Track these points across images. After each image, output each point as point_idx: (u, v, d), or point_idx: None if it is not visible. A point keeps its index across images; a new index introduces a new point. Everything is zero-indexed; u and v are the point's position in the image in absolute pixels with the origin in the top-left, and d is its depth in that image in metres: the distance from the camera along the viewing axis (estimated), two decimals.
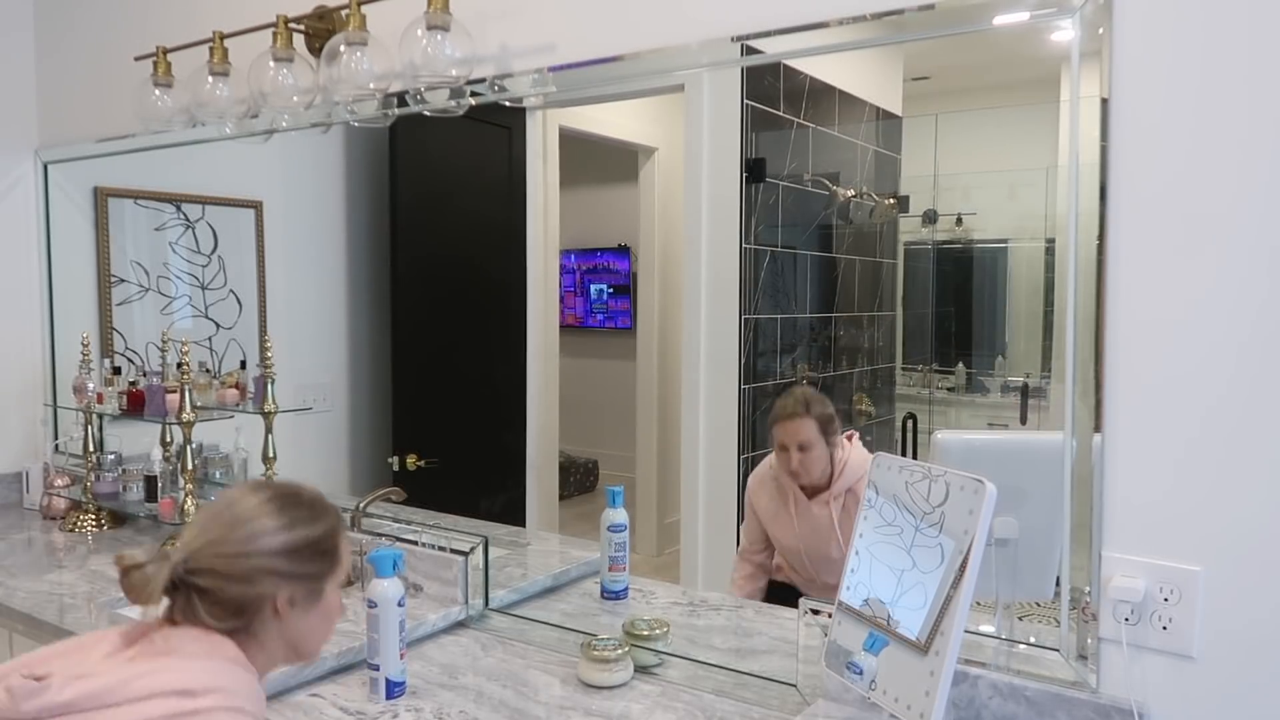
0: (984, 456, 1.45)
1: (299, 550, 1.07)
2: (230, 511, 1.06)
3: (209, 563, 1.03)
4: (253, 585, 1.04)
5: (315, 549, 1.08)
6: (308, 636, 1.11)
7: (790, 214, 1.62)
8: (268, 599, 1.05)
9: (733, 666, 1.58)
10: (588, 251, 1.94)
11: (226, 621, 1.04)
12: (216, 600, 1.03)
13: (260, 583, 1.04)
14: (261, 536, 1.05)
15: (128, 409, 2.48)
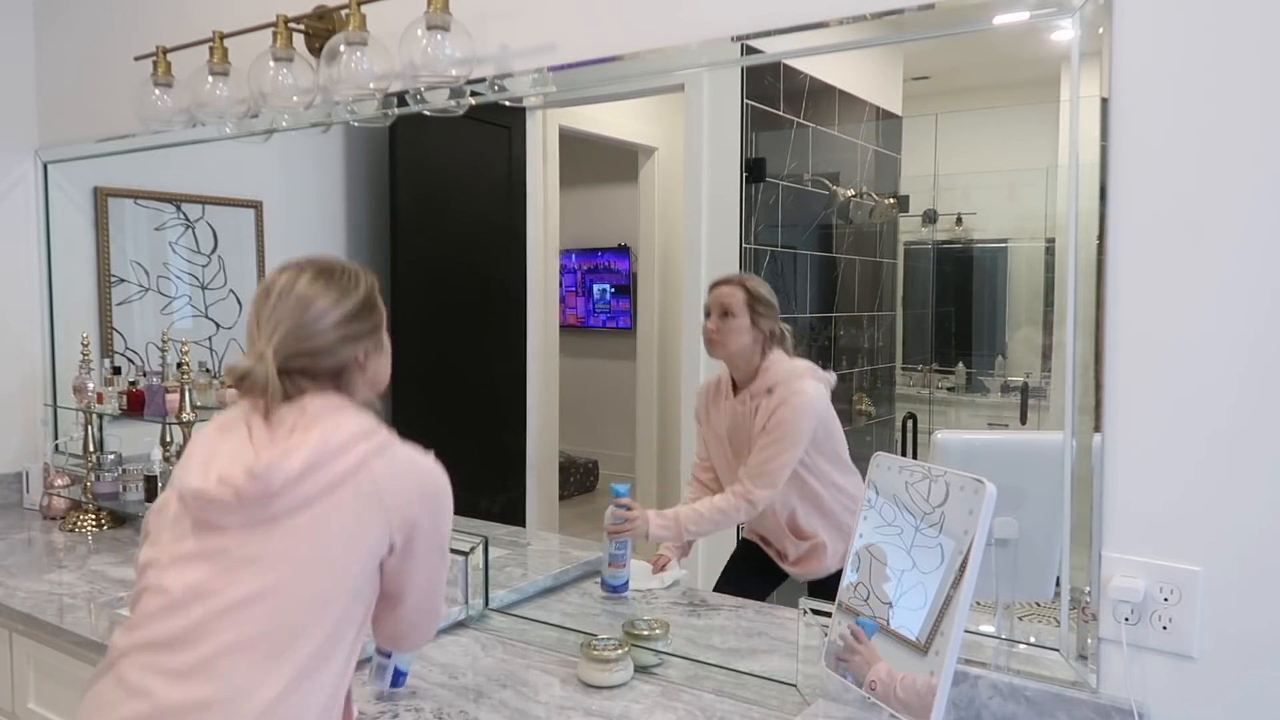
0: (984, 456, 1.45)
1: (359, 313, 1.25)
2: (291, 301, 1.21)
3: (294, 348, 1.20)
4: (337, 354, 1.23)
5: (368, 305, 1.26)
6: (381, 376, 1.31)
7: (790, 214, 1.61)
8: (351, 359, 1.24)
9: (733, 666, 1.58)
10: (588, 251, 1.94)
11: (326, 383, 1.23)
12: (315, 375, 1.22)
13: (342, 350, 1.23)
14: (328, 314, 1.22)
15: (128, 409, 2.48)
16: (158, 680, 1.10)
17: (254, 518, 1.13)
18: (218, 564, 1.14)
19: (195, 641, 1.11)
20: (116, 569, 2.18)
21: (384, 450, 1.19)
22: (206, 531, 1.15)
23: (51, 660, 1.87)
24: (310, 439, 1.15)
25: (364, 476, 1.17)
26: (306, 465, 1.13)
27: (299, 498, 1.14)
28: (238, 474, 1.13)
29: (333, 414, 1.19)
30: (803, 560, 1.70)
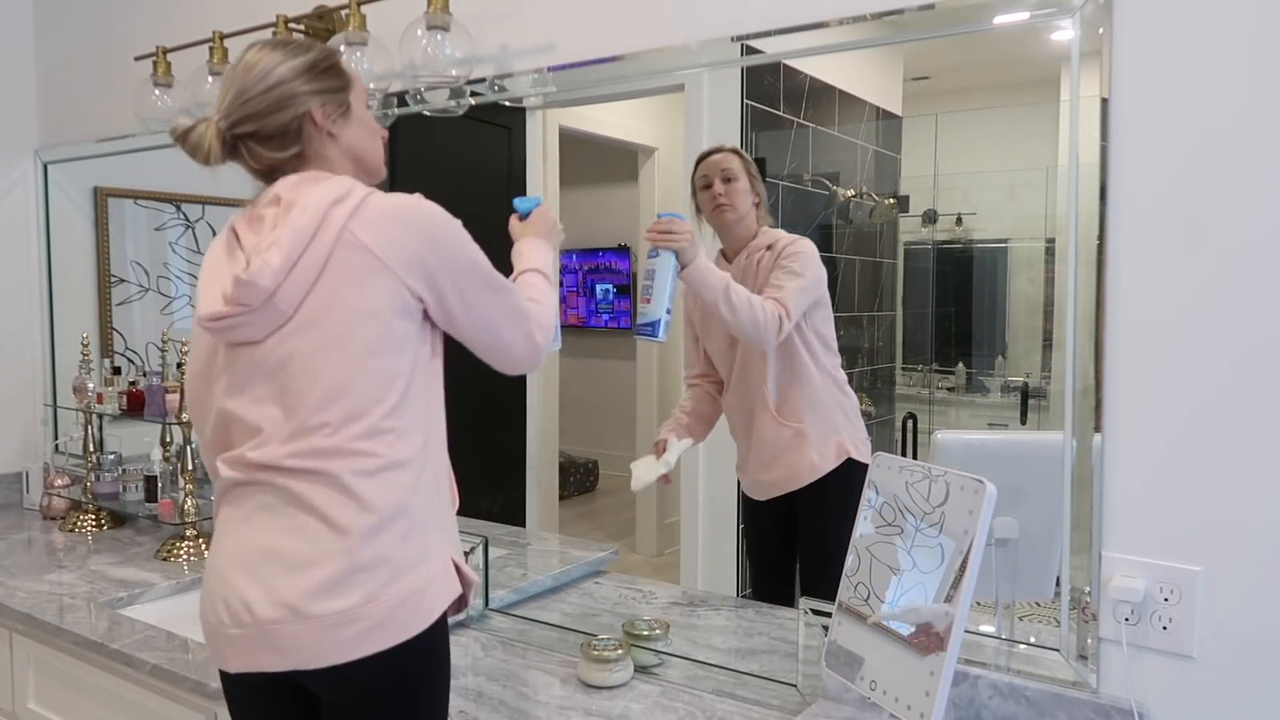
0: (984, 456, 1.45)
1: (307, 69, 1.21)
2: (239, 67, 1.20)
3: (241, 111, 1.18)
4: (285, 109, 1.19)
5: (320, 66, 1.22)
6: (362, 148, 1.27)
7: (790, 214, 1.61)
8: (304, 116, 1.20)
9: (733, 666, 1.58)
10: (589, 252, 1.94)
11: (287, 150, 1.20)
12: (266, 136, 1.19)
13: (289, 105, 1.19)
14: (271, 70, 1.19)
15: (128, 409, 2.48)
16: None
17: (274, 322, 1.13)
18: (263, 376, 1.15)
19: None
20: (116, 569, 2.18)
21: (359, 208, 1.15)
22: (238, 350, 1.17)
23: (51, 660, 1.87)
24: (284, 224, 1.13)
25: (347, 241, 1.13)
26: (287, 254, 1.11)
27: (298, 287, 1.12)
28: (229, 286, 1.12)
29: (301, 192, 1.16)
30: (783, 457, 1.65)
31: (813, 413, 1.61)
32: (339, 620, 1.10)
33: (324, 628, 1.10)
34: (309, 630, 1.10)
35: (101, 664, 1.76)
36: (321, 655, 1.11)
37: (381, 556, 1.12)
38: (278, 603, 1.11)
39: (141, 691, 1.70)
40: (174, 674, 1.60)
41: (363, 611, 1.11)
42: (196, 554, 2.28)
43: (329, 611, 1.10)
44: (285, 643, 1.11)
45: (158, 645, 1.71)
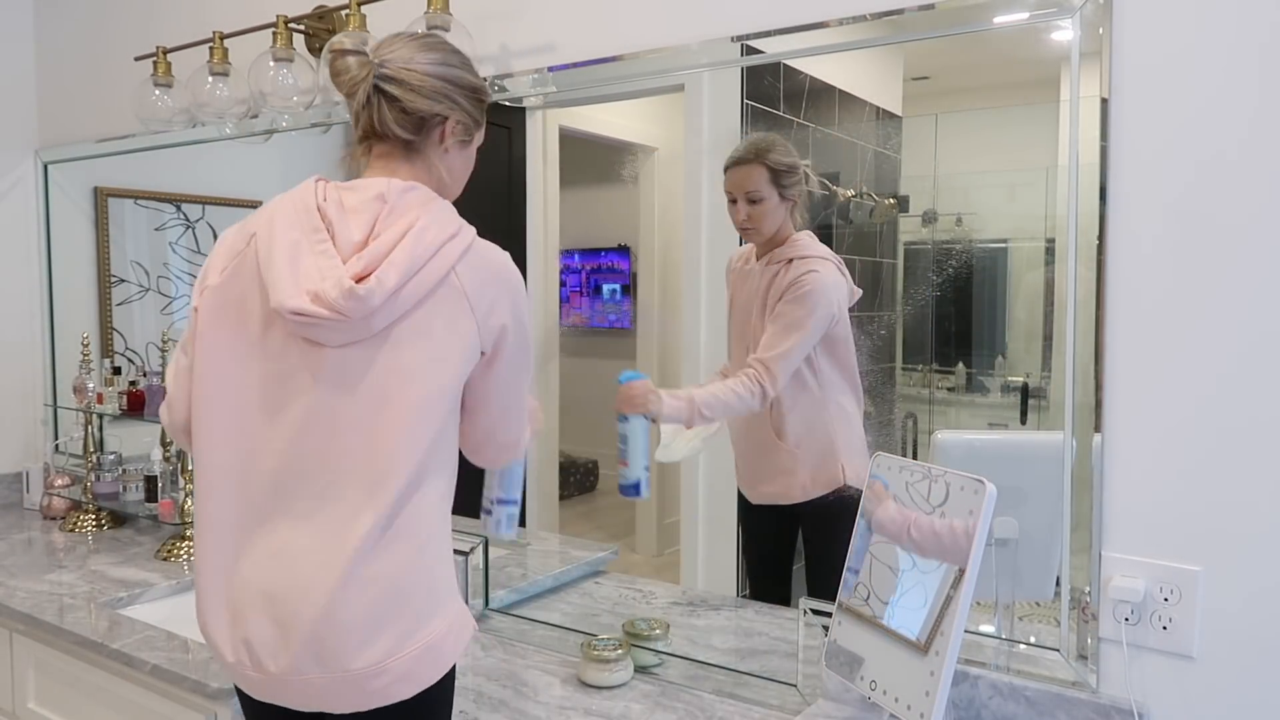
0: (984, 456, 1.45)
1: (470, 90, 1.25)
2: (419, 40, 1.22)
3: (402, 74, 1.19)
4: (435, 102, 1.21)
5: (479, 96, 1.27)
6: (455, 175, 1.30)
7: None
8: (440, 121, 1.22)
9: (732, 666, 1.58)
10: (591, 252, 1.94)
11: (409, 132, 1.21)
12: (404, 110, 1.20)
13: (440, 102, 1.21)
14: (447, 65, 1.22)
15: (128, 409, 2.48)
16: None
17: (356, 336, 1.12)
18: (322, 384, 1.14)
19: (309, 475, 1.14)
20: (116, 569, 2.18)
21: (469, 251, 1.17)
22: (308, 348, 1.14)
23: (51, 660, 1.87)
24: (401, 246, 1.12)
25: (451, 282, 1.15)
26: (400, 278, 1.10)
27: (395, 311, 1.12)
28: (332, 291, 1.09)
29: (416, 208, 1.17)
30: (777, 475, 1.64)
31: (810, 438, 1.61)
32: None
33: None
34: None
35: (101, 664, 1.76)
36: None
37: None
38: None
39: (141, 691, 1.70)
40: (174, 674, 1.60)
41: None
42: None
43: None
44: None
45: (158, 645, 1.71)
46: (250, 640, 1.14)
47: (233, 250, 1.21)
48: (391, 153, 1.23)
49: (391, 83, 1.19)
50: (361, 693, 1.13)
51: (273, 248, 1.15)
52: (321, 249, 1.14)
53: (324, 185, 1.20)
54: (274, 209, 1.19)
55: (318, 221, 1.16)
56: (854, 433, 1.58)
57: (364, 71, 1.20)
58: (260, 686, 1.16)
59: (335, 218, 1.16)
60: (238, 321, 1.19)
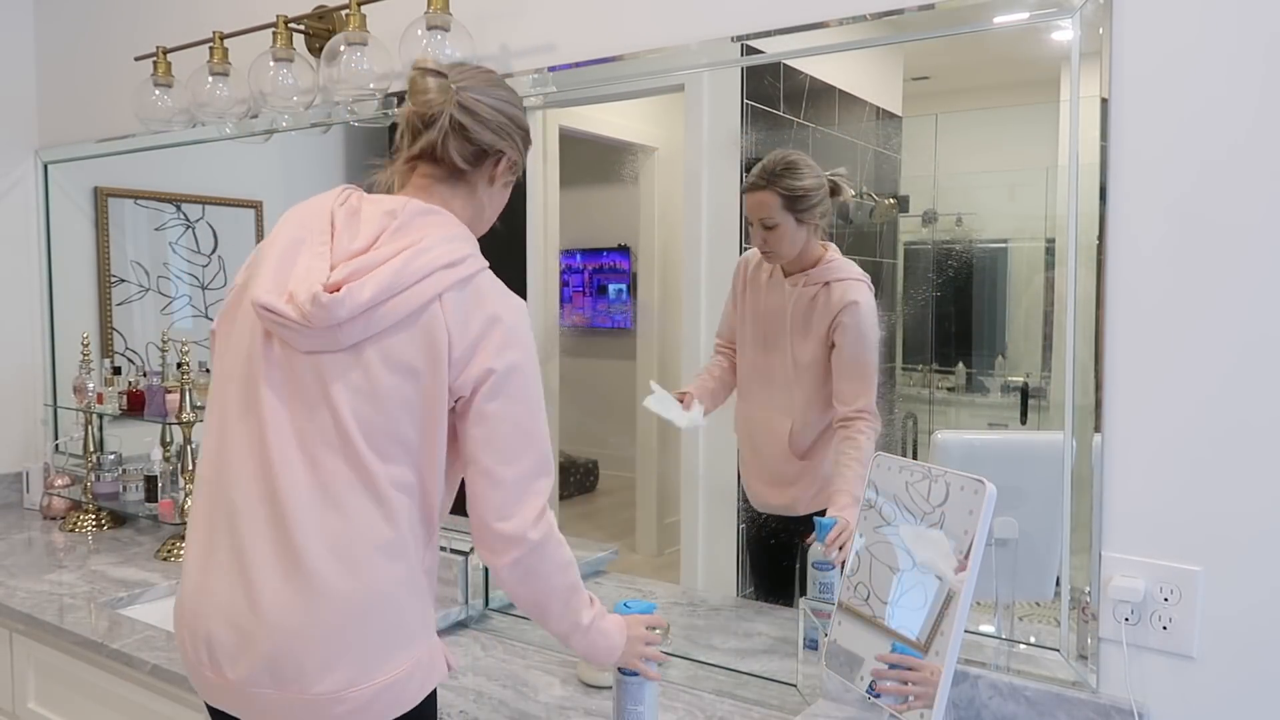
0: (984, 456, 1.45)
1: (525, 132, 1.27)
2: (486, 72, 1.25)
3: (477, 106, 1.20)
4: (499, 138, 1.22)
5: (527, 136, 1.29)
6: (490, 211, 1.29)
7: None
8: (497, 157, 1.23)
9: (733, 666, 1.58)
10: (594, 252, 1.94)
11: (466, 163, 1.21)
12: (469, 140, 1.20)
13: (503, 139, 1.23)
14: (511, 105, 1.25)
15: (128, 409, 2.48)
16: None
17: (322, 345, 1.09)
18: (283, 393, 1.11)
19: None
20: (117, 569, 2.18)
21: (463, 284, 1.12)
22: (282, 350, 1.12)
23: (51, 660, 1.87)
24: (390, 263, 1.08)
25: (434, 310, 1.09)
26: (376, 293, 1.06)
27: (364, 329, 1.08)
28: (303, 294, 1.07)
29: (427, 230, 1.13)
30: (785, 488, 1.64)
31: (824, 455, 1.61)
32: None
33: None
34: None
35: (101, 664, 1.76)
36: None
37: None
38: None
39: (141, 691, 1.70)
40: (174, 674, 1.60)
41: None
42: None
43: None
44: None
45: (158, 645, 1.71)
46: (211, 640, 1.13)
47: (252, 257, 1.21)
48: (438, 176, 1.22)
49: (466, 113, 1.19)
50: (322, 719, 1.10)
51: (273, 244, 1.15)
52: (318, 251, 1.12)
53: (348, 193, 1.20)
54: (292, 211, 1.20)
55: (325, 225, 1.15)
56: (857, 462, 1.58)
57: (443, 97, 1.18)
58: (218, 693, 1.14)
59: (342, 224, 1.15)
60: (236, 321, 1.19)
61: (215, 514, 1.15)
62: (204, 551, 1.16)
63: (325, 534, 1.10)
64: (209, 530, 1.16)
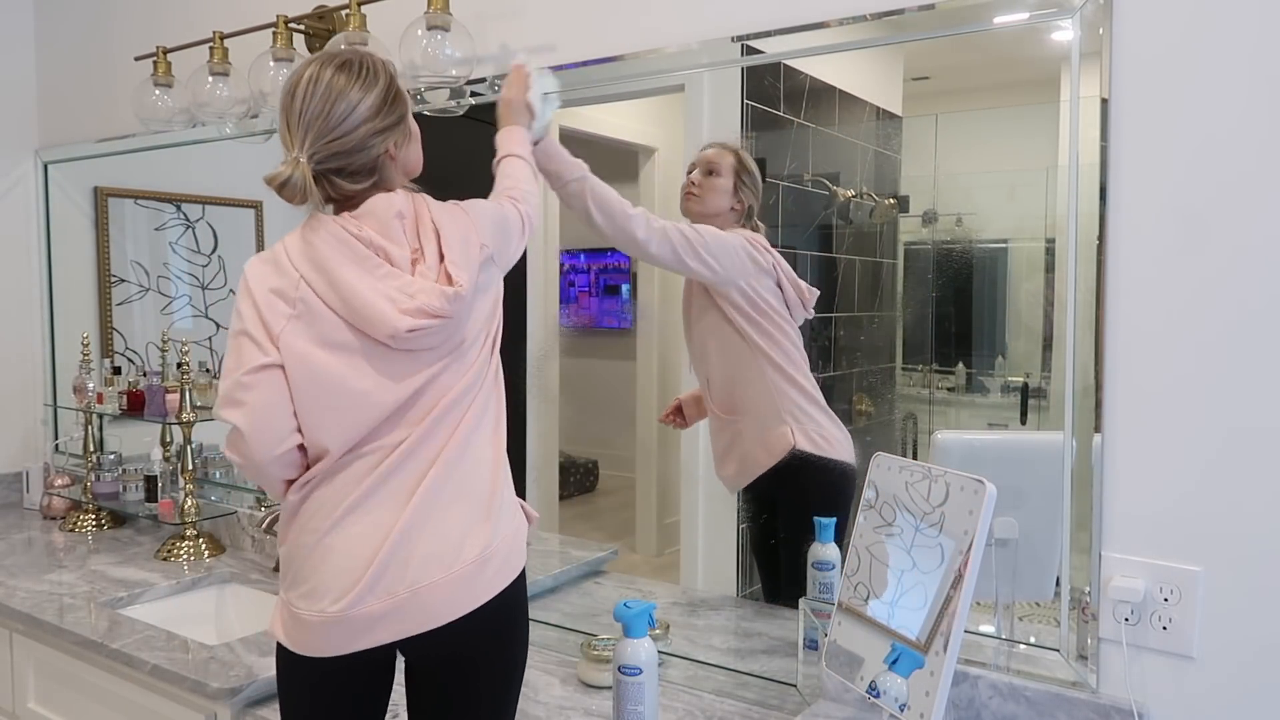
0: (984, 456, 1.45)
1: (384, 106, 1.26)
2: (317, 103, 1.23)
3: (326, 151, 1.23)
4: (370, 150, 1.25)
5: (391, 95, 1.27)
6: (413, 162, 1.35)
7: (790, 214, 1.61)
8: (384, 153, 1.27)
9: (733, 666, 1.58)
10: (597, 251, 1.94)
11: (365, 182, 1.26)
12: (352, 172, 1.25)
13: (374, 146, 1.25)
14: (355, 111, 1.23)
15: (128, 409, 2.48)
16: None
17: (456, 330, 1.24)
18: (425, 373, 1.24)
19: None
20: (116, 569, 2.18)
21: (477, 219, 1.30)
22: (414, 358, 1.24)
23: (51, 660, 1.87)
24: (447, 244, 1.24)
25: (485, 254, 1.29)
26: (471, 272, 1.23)
27: (469, 307, 1.24)
28: (435, 300, 1.19)
29: (421, 207, 1.27)
30: (730, 452, 1.68)
31: (753, 408, 1.62)
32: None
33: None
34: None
35: (101, 664, 1.76)
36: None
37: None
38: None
39: (141, 691, 1.70)
40: (174, 674, 1.60)
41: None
42: (196, 554, 2.28)
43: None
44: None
45: (158, 645, 1.71)
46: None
47: (285, 297, 1.24)
48: (369, 190, 1.28)
49: (327, 161, 1.23)
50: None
51: (341, 285, 1.21)
52: (384, 272, 1.21)
53: (336, 221, 1.25)
54: (308, 253, 1.24)
55: (364, 251, 1.22)
56: (799, 395, 1.60)
57: (302, 176, 1.22)
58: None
59: (380, 243, 1.23)
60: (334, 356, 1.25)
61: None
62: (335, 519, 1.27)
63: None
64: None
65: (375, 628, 1.19)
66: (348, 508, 1.21)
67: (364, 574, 1.18)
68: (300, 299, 1.22)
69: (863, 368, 1.57)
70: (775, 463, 1.61)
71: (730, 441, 1.68)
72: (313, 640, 1.21)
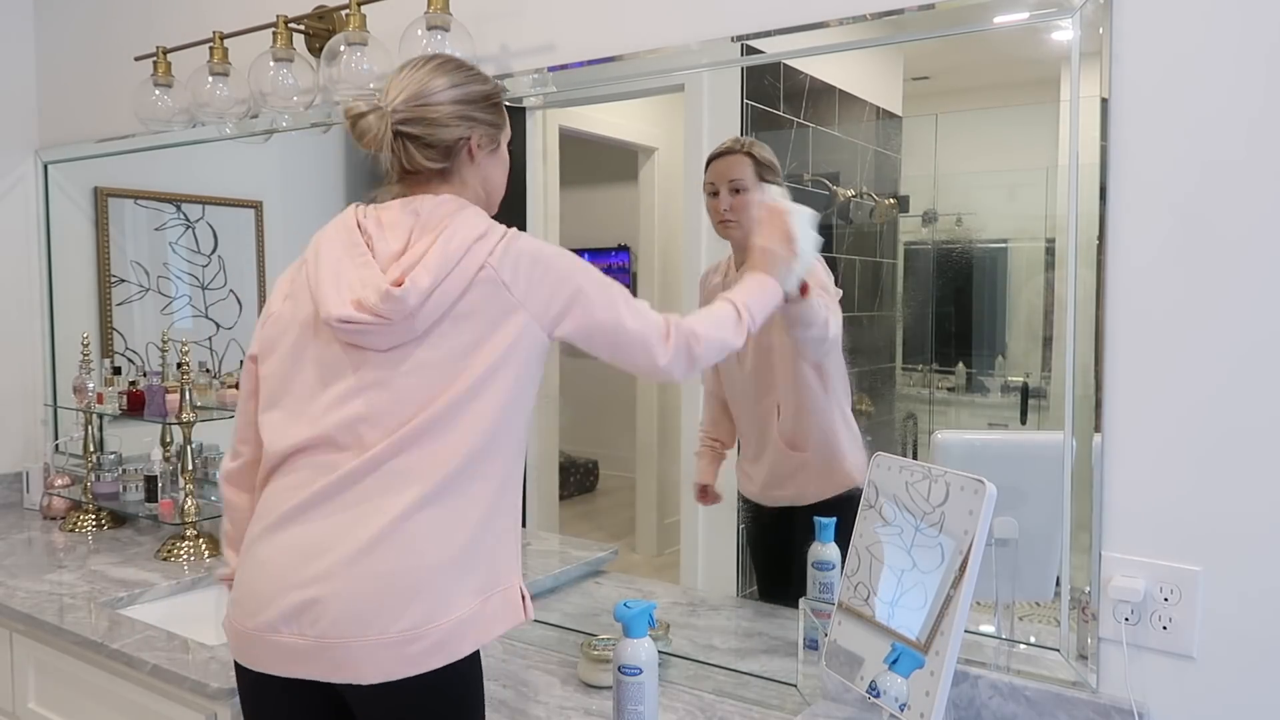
0: (984, 456, 1.45)
1: (485, 100, 1.29)
2: (420, 74, 1.25)
3: (415, 113, 1.23)
4: (454, 128, 1.25)
5: (490, 100, 1.30)
6: (494, 181, 1.34)
7: None
8: (464, 140, 1.27)
9: (733, 666, 1.58)
10: (600, 251, 1.94)
11: (438, 162, 1.26)
12: (428, 144, 1.24)
13: (457, 126, 1.25)
14: (455, 86, 1.26)
15: (128, 409, 2.48)
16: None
17: (403, 337, 1.18)
18: (371, 387, 1.19)
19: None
20: (116, 569, 2.18)
21: (503, 244, 1.21)
22: (356, 354, 1.20)
23: (51, 660, 1.87)
24: (432, 250, 1.18)
25: (488, 276, 1.19)
26: (434, 278, 1.16)
27: (435, 310, 1.17)
28: (372, 296, 1.15)
29: (447, 218, 1.22)
30: (790, 481, 1.64)
31: (822, 444, 1.61)
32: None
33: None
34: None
35: (101, 664, 1.76)
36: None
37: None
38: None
39: (141, 691, 1.70)
40: (174, 674, 1.60)
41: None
42: (196, 554, 2.28)
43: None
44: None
45: (158, 645, 1.71)
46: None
47: (291, 280, 1.30)
48: (424, 179, 1.28)
49: (410, 124, 1.23)
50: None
51: (320, 266, 1.23)
52: (362, 261, 1.21)
53: (364, 207, 1.27)
54: (320, 235, 1.28)
55: (358, 238, 1.23)
56: (856, 433, 1.58)
57: (382, 124, 1.22)
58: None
59: (375, 233, 1.23)
60: (304, 333, 1.26)
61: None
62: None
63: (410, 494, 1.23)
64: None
65: (292, 661, 1.15)
66: (282, 517, 1.19)
67: (280, 600, 1.15)
68: (297, 282, 1.27)
69: (863, 368, 1.57)
70: (833, 495, 1.59)
71: (790, 473, 1.65)
72: (239, 649, 1.21)
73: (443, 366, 1.17)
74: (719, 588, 1.76)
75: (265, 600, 1.16)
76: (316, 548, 1.16)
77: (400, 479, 1.16)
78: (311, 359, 1.23)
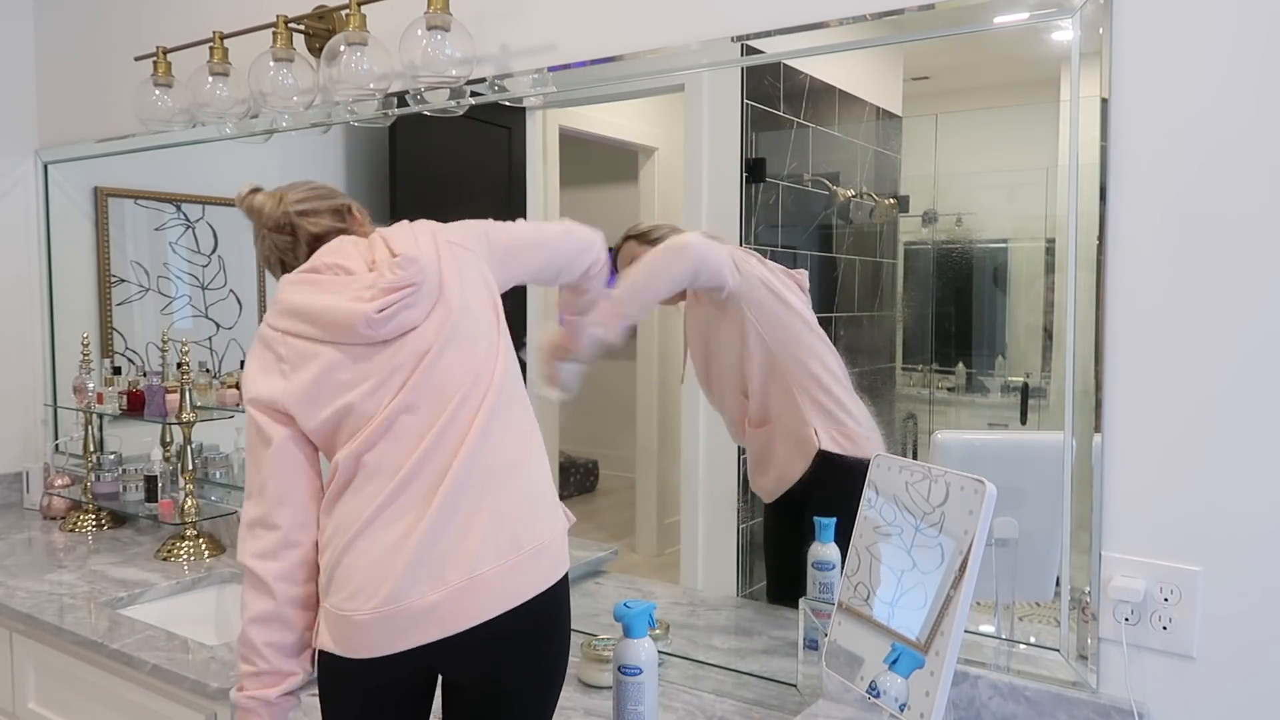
0: (984, 456, 1.45)
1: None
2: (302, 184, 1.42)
3: (305, 195, 1.39)
4: (337, 199, 1.41)
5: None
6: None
7: (790, 214, 1.61)
8: (347, 207, 1.41)
9: (733, 666, 1.58)
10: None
11: (335, 222, 1.39)
12: (319, 212, 1.39)
13: (340, 198, 1.42)
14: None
15: (128, 409, 2.48)
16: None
17: (433, 297, 1.26)
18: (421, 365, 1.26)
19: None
20: (117, 569, 2.18)
21: (435, 228, 1.34)
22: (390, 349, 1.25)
23: (51, 660, 1.87)
24: (394, 243, 1.29)
25: (443, 240, 1.32)
26: (414, 248, 1.27)
27: (437, 272, 1.27)
28: (388, 274, 1.23)
29: (379, 232, 1.34)
30: (767, 461, 1.66)
31: (779, 411, 1.61)
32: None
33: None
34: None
35: (101, 664, 1.76)
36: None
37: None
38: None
39: (141, 691, 1.70)
40: (174, 674, 1.60)
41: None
42: (196, 554, 2.28)
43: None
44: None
45: (158, 645, 1.71)
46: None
47: (278, 363, 1.28)
48: (330, 232, 1.38)
49: (303, 204, 1.38)
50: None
51: (319, 308, 1.25)
52: (342, 283, 1.26)
53: (291, 275, 1.31)
54: (276, 315, 1.30)
55: (323, 276, 1.28)
56: (823, 394, 1.59)
57: (281, 216, 1.35)
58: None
59: (336, 262, 1.29)
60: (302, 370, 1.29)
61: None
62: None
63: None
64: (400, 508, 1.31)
65: (424, 622, 1.18)
66: (376, 509, 1.22)
67: (403, 569, 1.18)
68: (289, 351, 1.26)
69: (863, 368, 1.57)
70: (805, 468, 1.60)
71: (762, 454, 1.67)
72: (362, 639, 1.20)
73: (473, 314, 1.28)
74: (719, 588, 1.76)
75: (389, 575, 1.18)
76: (411, 525, 1.20)
77: (498, 423, 1.26)
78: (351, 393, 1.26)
